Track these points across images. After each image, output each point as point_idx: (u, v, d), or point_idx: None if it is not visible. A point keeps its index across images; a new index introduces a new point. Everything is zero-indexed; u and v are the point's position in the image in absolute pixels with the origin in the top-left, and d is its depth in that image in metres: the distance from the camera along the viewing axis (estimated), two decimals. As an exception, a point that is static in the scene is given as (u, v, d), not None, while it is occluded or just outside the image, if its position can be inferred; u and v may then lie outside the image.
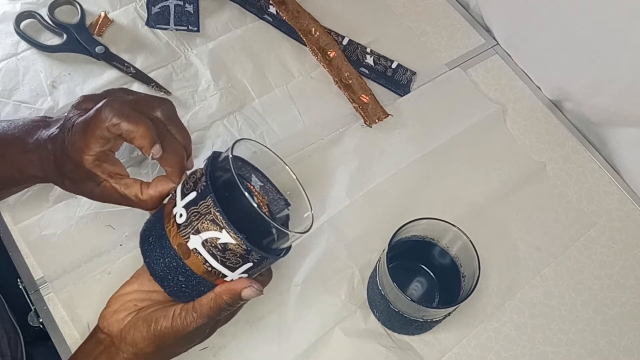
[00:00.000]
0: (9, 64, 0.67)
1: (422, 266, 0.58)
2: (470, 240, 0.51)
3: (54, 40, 0.69)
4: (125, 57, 0.69)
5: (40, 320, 0.55)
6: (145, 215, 0.49)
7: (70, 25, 0.69)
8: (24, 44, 0.68)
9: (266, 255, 0.43)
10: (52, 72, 0.67)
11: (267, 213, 0.47)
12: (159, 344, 0.43)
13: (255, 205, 0.40)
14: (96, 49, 0.68)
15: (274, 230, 0.43)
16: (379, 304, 0.55)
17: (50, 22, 0.69)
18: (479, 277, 0.49)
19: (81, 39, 0.68)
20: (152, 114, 0.48)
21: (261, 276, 0.47)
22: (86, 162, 0.46)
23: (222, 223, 0.41)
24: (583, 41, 0.65)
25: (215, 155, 0.45)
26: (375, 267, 0.54)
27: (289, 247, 0.47)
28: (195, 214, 0.42)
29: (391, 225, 0.51)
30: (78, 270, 0.57)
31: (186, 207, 0.43)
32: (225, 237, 0.41)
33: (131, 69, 0.68)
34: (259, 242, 0.43)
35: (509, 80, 0.75)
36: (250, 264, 0.43)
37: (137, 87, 0.67)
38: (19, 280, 0.56)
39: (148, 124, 0.45)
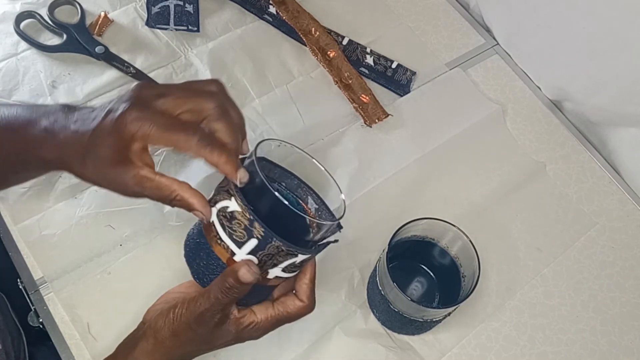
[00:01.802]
0: (9, 64, 0.67)
1: (422, 266, 0.58)
2: (470, 240, 0.51)
3: (53, 40, 0.69)
4: (125, 57, 0.69)
5: (40, 320, 0.55)
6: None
7: (70, 25, 0.69)
8: (24, 44, 0.68)
9: (271, 233, 0.42)
10: (52, 72, 0.67)
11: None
12: (175, 329, 0.44)
13: (272, 190, 0.41)
14: (96, 49, 0.68)
15: (311, 224, 0.44)
16: (379, 304, 0.55)
17: (50, 22, 0.69)
18: (479, 277, 0.49)
19: (81, 39, 0.68)
20: (208, 89, 0.46)
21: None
22: None
23: (232, 191, 0.43)
24: (583, 41, 0.65)
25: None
26: (375, 267, 0.54)
27: (319, 247, 0.46)
28: (218, 190, 0.45)
29: (391, 225, 0.51)
30: (78, 270, 0.57)
31: (216, 189, 0.46)
32: (233, 205, 0.42)
33: (131, 69, 0.68)
34: (286, 234, 0.42)
35: (509, 80, 0.75)
36: (255, 241, 0.42)
37: (137, 87, 0.67)
38: (19, 280, 0.56)
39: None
